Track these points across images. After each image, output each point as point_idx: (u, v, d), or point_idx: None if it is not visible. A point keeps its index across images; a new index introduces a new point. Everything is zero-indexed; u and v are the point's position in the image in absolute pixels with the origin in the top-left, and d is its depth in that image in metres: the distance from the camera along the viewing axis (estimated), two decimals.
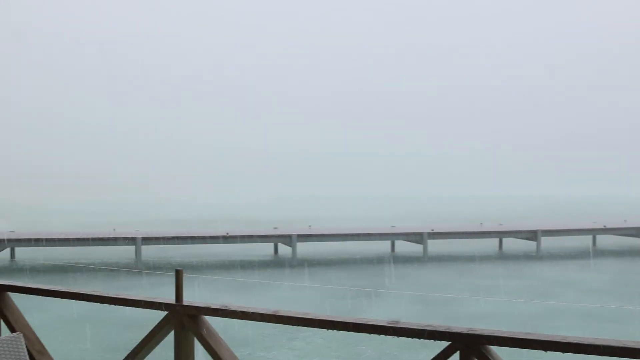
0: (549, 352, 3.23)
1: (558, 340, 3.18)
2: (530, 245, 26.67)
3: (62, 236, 23.10)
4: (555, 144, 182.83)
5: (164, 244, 23.46)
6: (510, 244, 28.58)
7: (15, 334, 3.74)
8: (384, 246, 27.58)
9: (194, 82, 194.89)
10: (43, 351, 4.59)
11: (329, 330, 3.67)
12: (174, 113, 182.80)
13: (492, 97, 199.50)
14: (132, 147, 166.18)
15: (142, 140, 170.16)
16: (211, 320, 4.06)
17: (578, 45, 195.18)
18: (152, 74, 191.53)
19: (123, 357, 4.12)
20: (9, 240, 22.51)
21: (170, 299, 4.11)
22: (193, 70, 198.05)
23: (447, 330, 3.41)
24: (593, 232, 28.43)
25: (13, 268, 22.73)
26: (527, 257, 25.74)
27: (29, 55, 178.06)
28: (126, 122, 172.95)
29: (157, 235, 23.51)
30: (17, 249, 24.61)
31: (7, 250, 24.00)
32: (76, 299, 4.44)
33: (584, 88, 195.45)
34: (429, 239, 24.75)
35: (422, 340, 3.47)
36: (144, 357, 4.17)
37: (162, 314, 4.11)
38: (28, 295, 4.61)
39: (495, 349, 3.39)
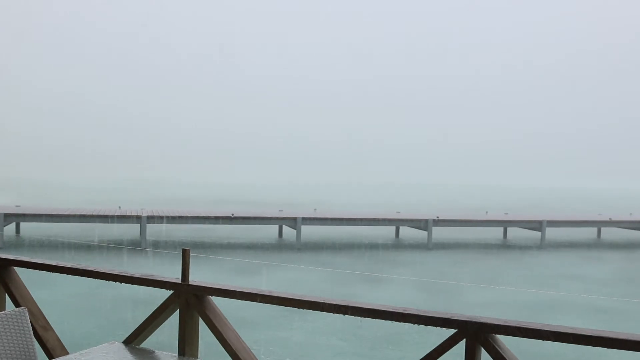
0: (555, 342, 3.20)
1: (566, 331, 3.15)
2: (534, 235, 26.66)
3: (67, 212, 23.14)
4: (564, 136, 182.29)
5: (169, 223, 23.49)
6: (514, 233, 28.57)
7: (19, 308, 3.73)
8: (388, 232, 27.62)
9: (206, 66, 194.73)
10: (47, 326, 4.59)
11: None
12: (186, 97, 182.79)
13: (502, 88, 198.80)
14: (142, 128, 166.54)
15: (151, 121, 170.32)
16: (216, 301, 4.05)
17: (586, 39, 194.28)
18: (168, 56, 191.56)
19: (127, 335, 4.11)
20: (14, 214, 22.56)
21: (177, 278, 4.09)
22: (208, 56, 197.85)
23: (454, 318, 3.40)
24: (598, 224, 28.40)
25: (18, 243, 22.81)
26: (531, 247, 25.71)
27: (42, 38, 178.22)
28: (137, 104, 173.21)
29: (162, 214, 23.54)
30: (22, 224, 24.69)
31: (12, 225, 24.07)
32: (82, 276, 4.42)
33: (595, 81, 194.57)
34: (434, 226, 24.73)
35: (428, 326, 3.46)
36: (149, 336, 4.16)
37: (167, 293, 4.09)
38: (33, 270, 4.60)
39: (501, 338, 3.37)
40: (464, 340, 3.38)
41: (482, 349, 3.37)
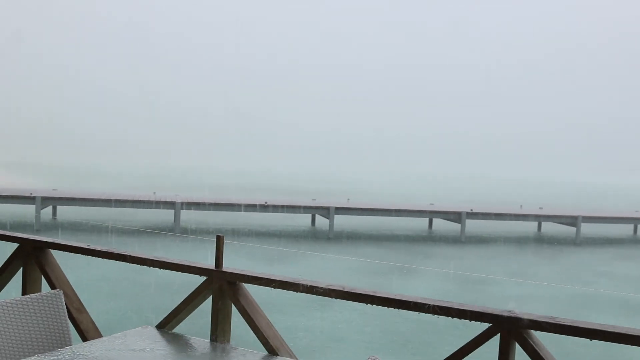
0: (593, 340, 3.12)
1: (606, 329, 3.07)
2: (569, 230, 26.29)
3: (103, 197, 23.42)
4: (602, 129, 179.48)
5: (202, 210, 23.64)
6: (549, 228, 28.21)
7: (55, 290, 3.76)
8: (421, 223, 27.46)
9: (233, 54, 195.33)
10: (81, 309, 4.63)
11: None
12: (219, 86, 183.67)
13: (537, 79, 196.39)
14: (176, 116, 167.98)
15: (184, 109, 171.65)
16: (249, 288, 4.05)
17: (621, 24, 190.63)
18: (200, 46, 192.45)
19: (160, 320, 4.13)
20: (51, 198, 22.88)
21: (210, 264, 4.09)
22: (234, 44, 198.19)
23: (490, 312, 3.34)
24: (635, 221, 27.95)
25: (54, 226, 23.14)
26: (566, 242, 25.39)
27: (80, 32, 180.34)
28: (171, 92, 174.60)
29: (196, 201, 23.69)
30: (59, 208, 25.04)
31: (49, 209, 24.43)
32: (116, 260, 4.45)
33: (629, 70, 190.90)
34: (467, 218, 24.53)
35: (461, 319, 3.41)
36: (181, 321, 4.17)
37: (200, 279, 4.10)
38: (68, 253, 4.64)
39: (537, 334, 3.31)
40: (498, 334, 3.33)
41: (517, 344, 3.31)
